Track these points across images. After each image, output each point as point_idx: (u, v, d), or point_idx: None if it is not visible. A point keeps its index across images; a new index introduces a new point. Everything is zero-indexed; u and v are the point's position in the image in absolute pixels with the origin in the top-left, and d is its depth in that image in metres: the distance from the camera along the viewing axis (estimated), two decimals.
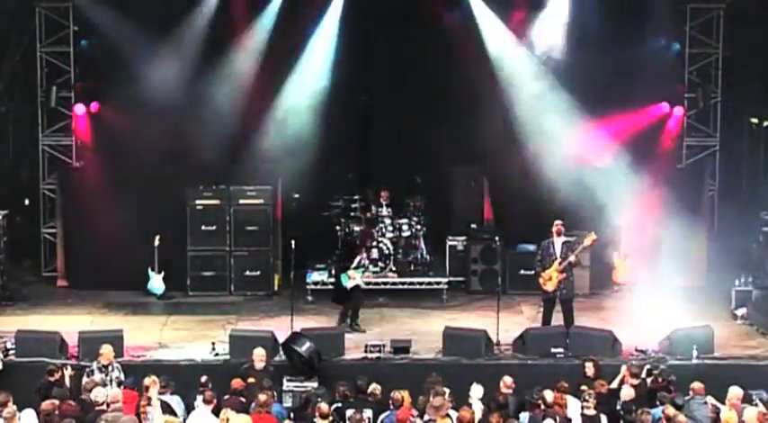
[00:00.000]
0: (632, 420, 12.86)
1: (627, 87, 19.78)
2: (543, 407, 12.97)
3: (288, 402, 14.83)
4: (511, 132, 19.88)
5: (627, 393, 13.56)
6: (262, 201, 19.99)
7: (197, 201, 19.87)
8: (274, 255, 20.04)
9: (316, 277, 19.33)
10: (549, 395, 13.09)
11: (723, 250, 19.86)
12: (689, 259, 19.90)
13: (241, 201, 19.96)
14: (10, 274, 19.80)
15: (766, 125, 21.48)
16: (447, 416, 12.53)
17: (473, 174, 20.82)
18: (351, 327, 17.37)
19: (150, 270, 19.30)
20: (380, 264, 19.49)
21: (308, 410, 13.24)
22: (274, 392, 13.97)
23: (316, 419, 12.74)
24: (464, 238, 20.22)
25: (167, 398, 13.45)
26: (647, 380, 14.22)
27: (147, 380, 13.28)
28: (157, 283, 19.39)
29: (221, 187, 19.95)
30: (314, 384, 14.85)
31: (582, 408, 13.04)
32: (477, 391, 13.59)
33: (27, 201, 21.60)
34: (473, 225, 20.46)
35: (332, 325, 17.34)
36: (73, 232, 20.38)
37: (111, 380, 14.32)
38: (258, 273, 19.93)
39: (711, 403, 13.29)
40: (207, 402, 13.10)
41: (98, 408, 12.55)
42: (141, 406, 12.87)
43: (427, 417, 12.62)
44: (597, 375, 14.24)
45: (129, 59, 19.52)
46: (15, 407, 12.29)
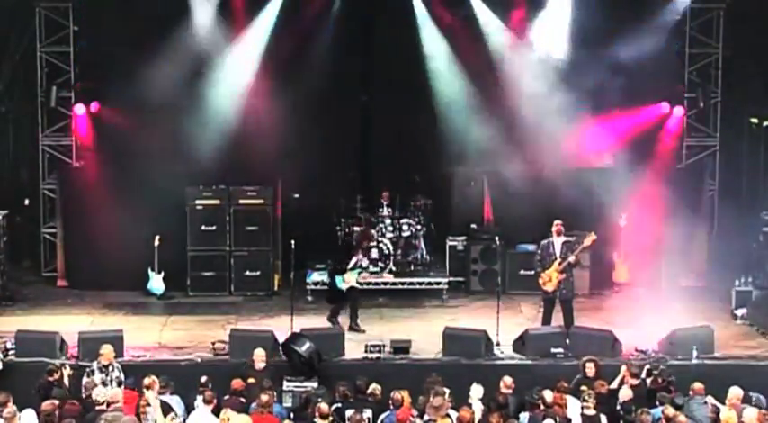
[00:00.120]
0: (632, 420, 12.87)
1: (627, 87, 19.76)
2: (543, 407, 12.98)
3: (288, 402, 14.83)
4: (511, 132, 19.88)
5: (625, 393, 13.56)
6: (262, 201, 19.99)
7: (197, 201, 19.87)
8: (274, 255, 20.05)
9: (316, 277, 19.32)
10: (549, 395, 13.10)
11: (723, 250, 19.86)
12: (689, 259, 19.93)
13: (241, 201, 19.96)
14: (10, 274, 19.82)
15: (766, 125, 21.46)
16: (447, 416, 12.54)
17: (473, 174, 20.81)
18: (351, 327, 17.37)
19: (150, 270, 19.32)
20: (380, 264, 19.52)
21: (308, 410, 13.25)
22: (274, 392, 13.97)
23: (316, 419, 12.75)
24: (464, 238, 20.22)
25: (167, 398, 13.46)
26: (647, 380, 14.22)
27: (147, 380, 13.31)
28: (157, 283, 19.40)
29: (221, 187, 19.94)
30: (314, 384, 14.86)
31: (582, 408, 13.04)
32: (477, 391, 13.59)
33: (27, 201, 21.58)
34: (473, 225, 20.45)
35: (334, 323, 17.31)
36: (73, 232, 20.38)
37: (111, 380, 14.35)
38: (258, 273, 19.93)
39: (711, 403, 13.30)
40: (207, 402, 13.11)
41: (98, 407, 12.56)
42: (141, 406, 12.88)
43: (427, 417, 12.62)
44: (597, 375, 14.24)
45: (130, 59, 19.52)
46: (15, 407, 12.29)
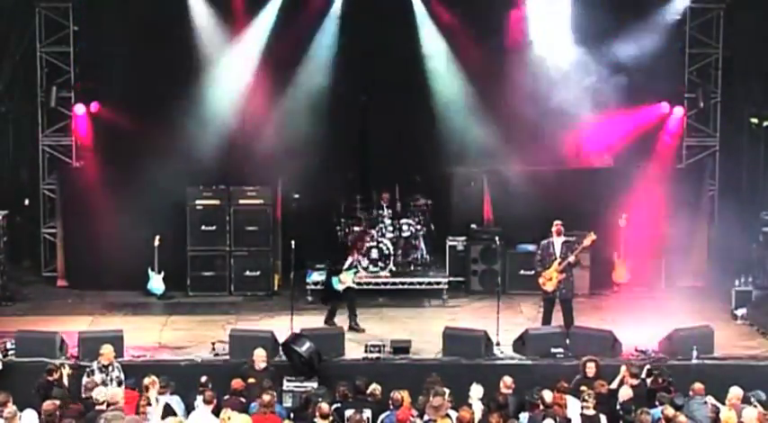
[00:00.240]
0: (632, 420, 12.86)
1: (627, 87, 19.76)
2: (543, 407, 12.98)
3: (288, 402, 14.82)
4: (511, 132, 19.87)
5: (625, 393, 13.56)
6: (262, 201, 19.99)
7: (197, 201, 19.86)
8: (274, 255, 20.04)
9: (316, 277, 19.29)
10: (549, 395, 13.09)
11: (723, 250, 19.85)
12: (689, 259, 19.93)
13: (241, 201, 19.96)
14: (10, 274, 19.82)
15: (766, 125, 21.45)
16: (447, 416, 12.54)
17: (473, 174, 20.81)
18: (350, 327, 17.37)
19: (150, 270, 19.31)
20: (380, 264, 19.52)
21: (309, 410, 13.25)
22: (274, 392, 13.97)
23: (316, 419, 12.74)
24: (464, 238, 20.22)
25: (167, 398, 13.46)
26: (647, 380, 14.22)
27: (147, 380, 13.33)
28: (157, 283, 19.39)
29: (221, 187, 19.94)
30: (314, 384, 14.86)
31: (581, 408, 13.04)
32: (476, 391, 13.59)
33: (27, 201, 21.57)
34: (473, 225, 20.45)
35: (332, 325, 17.33)
36: (73, 232, 20.37)
37: (111, 380, 14.35)
38: (258, 273, 19.93)
39: (711, 403, 13.30)
40: (207, 402, 13.11)
41: (98, 407, 12.56)
42: (141, 406, 12.88)
43: (427, 417, 12.62)
44: (597, 375, 14.24)
45: (130, 60, 19.51)
46: (15, 407, 12.29)
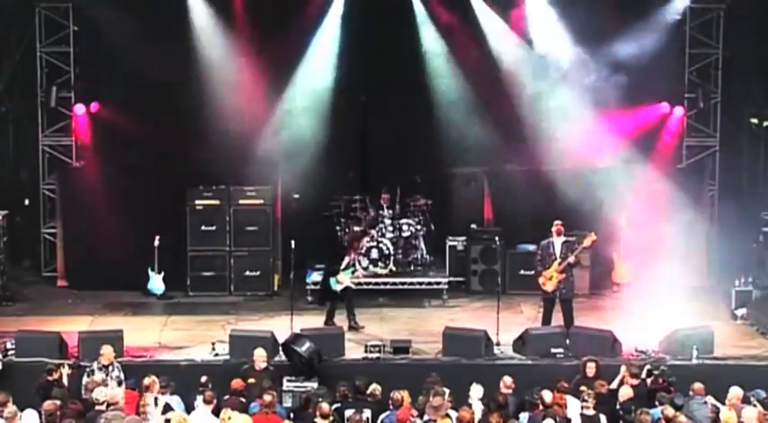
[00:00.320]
0: (631, 421, 12.85)
1: (627, 87, 19.75)
2: (542, 407, 12.97)
3: (288, 402, 14.82)
4: (511, 132, 19.87)
5: (624, 393, 13.55)
6: (262, 201, 19.99)
7: (197, 201, 19.86)
8: (274, 255, 20.05)
9: (316, 277, 19.25)
10: (549, 395, 13.08)
11: (723, 250, 19.85)
12: (689, 259, 19.88)
13: (241, 201, 19.97)
14: (10, 274, 19.84)
15: (766, 125, 21.46)
16: (447, 416, 12.54)
17: (473, 174, 20.80)
18: (350, 326, 17.37)
19: (150, 270, 19.31)
20: (380, 263, 19.52)
21: (309, 410, 13.24)
22: (275, 393, 13.97)
23: (316, 419, 12.73)
24: (464, 238, 20.22)
25: (167, 398, 13.46)
26: (647, 380, 14.22)
27: (147, 380, 13.32)
28: (157, 283, 19.39)
29: (221, 187, 19.94)
30: (314, 384, 14.86)
31: (581, 408, 13.03)
32: (476, 391, 13.58)
33: (27, 201, 21.59)
34: (473, 225, 20.45)
35: (331, 325, 17.33)
36: (73, 232, 20.39)
37: (111, 379, 14.34)
38: (258, 273, 19.93)
39: (711, 403, 13.29)
40: (207, 402, 13.10)
41: (98, 407, 12.55)
42: (141, 406, 12.87)
43: (427, 417, 12.62)
44: (597, 375, 14.24)
45: (130, 60, 19.50)
46: (15, 407, 12.28)
